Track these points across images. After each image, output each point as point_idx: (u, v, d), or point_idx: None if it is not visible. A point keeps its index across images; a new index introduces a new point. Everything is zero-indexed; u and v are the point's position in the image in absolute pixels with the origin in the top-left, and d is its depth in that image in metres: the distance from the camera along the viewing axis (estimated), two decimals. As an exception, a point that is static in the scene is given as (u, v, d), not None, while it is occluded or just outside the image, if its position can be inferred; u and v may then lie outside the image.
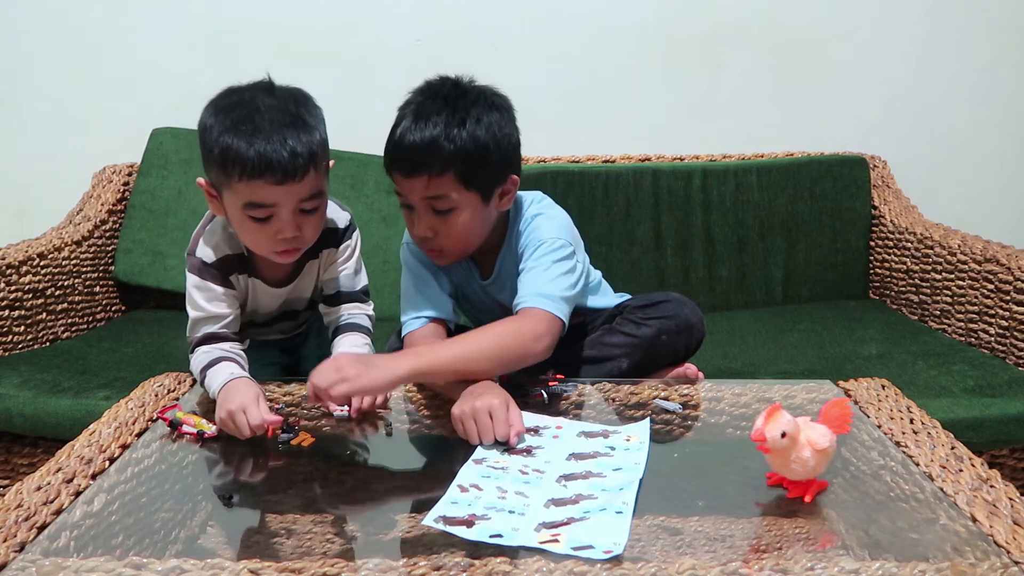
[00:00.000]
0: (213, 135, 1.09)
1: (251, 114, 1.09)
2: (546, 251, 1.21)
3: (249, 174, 1.07)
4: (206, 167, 1.14)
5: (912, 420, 1.05)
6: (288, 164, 1.07)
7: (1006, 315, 1.58)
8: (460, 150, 1.14)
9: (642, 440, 1.01)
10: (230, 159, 1.08)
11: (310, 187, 1.12)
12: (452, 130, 1.14)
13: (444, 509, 0.83)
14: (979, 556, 0.74)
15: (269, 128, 1.08)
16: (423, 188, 1.16)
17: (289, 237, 1.14)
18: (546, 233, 1.24)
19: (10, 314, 1.62)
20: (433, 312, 1.26)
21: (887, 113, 2.13)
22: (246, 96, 1.12)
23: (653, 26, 2.08)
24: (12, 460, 1.50)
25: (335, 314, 1.31)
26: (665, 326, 1.28)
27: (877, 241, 2.02)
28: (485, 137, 1.16)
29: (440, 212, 1.18)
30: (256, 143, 1.07)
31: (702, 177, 1.98)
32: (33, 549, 0.76)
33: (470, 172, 1.16)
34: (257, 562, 0.72)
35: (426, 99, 1.18)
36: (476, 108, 1.17)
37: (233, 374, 1.10)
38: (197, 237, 1.23)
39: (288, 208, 1.11)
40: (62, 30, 2.06)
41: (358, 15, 2.06)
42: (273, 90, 1.14)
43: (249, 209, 1.11)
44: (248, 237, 1.17)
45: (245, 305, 1.29)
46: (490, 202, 1.21)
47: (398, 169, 1.18)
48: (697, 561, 0.72)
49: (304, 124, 1.11)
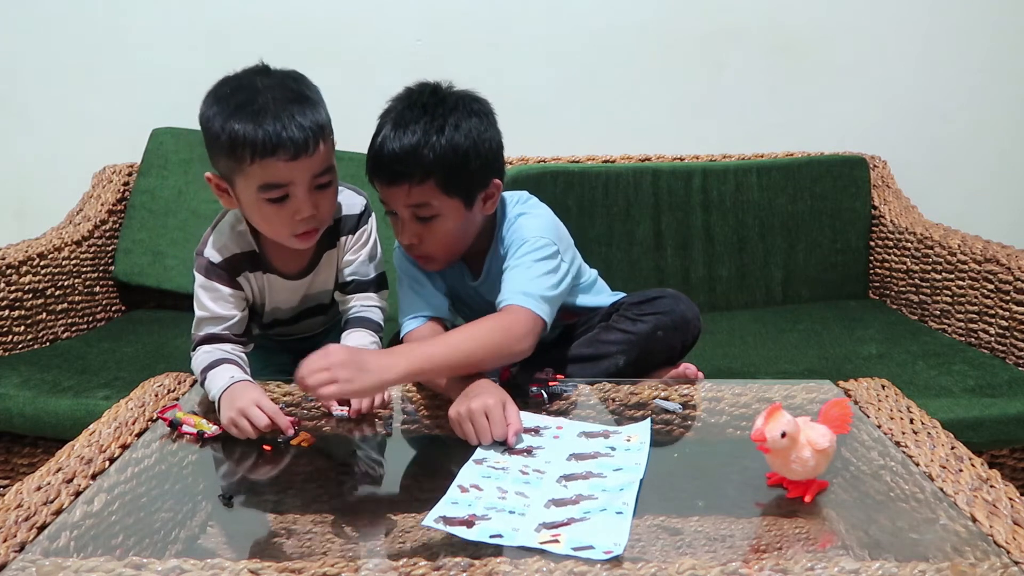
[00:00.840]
0: (218, 124, 1.09)
1: (253, 96, 1.08)
2: (528, 250, 1.21)
3: (261, 153, 1.07)
4: (213, 159, 1.13)
5: (912, 420, 1.05)
6: (299, 139, 1.07)
7: (1006, 315, 1.58)
8: (439, 157, 1.14)
9: (643, 440, 1.01)
10: (239, 143, 1.07)
11: (322, 161, 1.12)
12: (431, 137, 1.14)
13: (444, 509, 0.83)
14: (979, 556, 0.74)
15: (274, 106, 1.07)
16: (405, 196, 1.17)
17: (307, 216, 1.13)
18: (528, 232, 1.24)
19: (10, 314, 1.62)
20: (430, 311, 1.26)
21: (887, 113, 2.13)
22: (244, 81, 1.12)
23: (653, 26, 2.08)
24: (12, 460, 1.50)
25: (347, 304, 1.30)
26: (661, 322, 1.28)
27: (877, 241, 2.02)
28: (464, 143, 1.16)
29: (424, 219, 1.18)
30: (264, 122, 1.06)
31: (702, 177, 1.98)
32: (33, 549, 0.76)
33: (451, 179, 1.16)
34: (257, 562, 0.72)
35: (405, 107, 1.18)
36: (455, 114, 1.17)
37: (234, 377, 1.10)
38: (206, 237, 1.23)
39: (303, 185, 1.11)
40: (62, 30, 2.06)
41: (358, 15, 2.05)
42: (269, 71, 1.14)
43: (264, 191, 1.10)
44: (265, 223, 1.16)
45: (264, 305, 1.28)
46: (473, 207, 1.21)
47: (379, 178, 1.18)
48: (697, 561, 0.72)
49: (307, 99, 1.11)
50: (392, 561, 0.73)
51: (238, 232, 1.21)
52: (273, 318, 1.32)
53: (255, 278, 1.25)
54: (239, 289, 1.22)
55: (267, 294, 1.27)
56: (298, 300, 1.31)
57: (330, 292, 1.33)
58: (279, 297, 1.28)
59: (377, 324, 1.29)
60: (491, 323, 1.13)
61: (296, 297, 1.30)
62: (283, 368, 1.39)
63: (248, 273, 1.23)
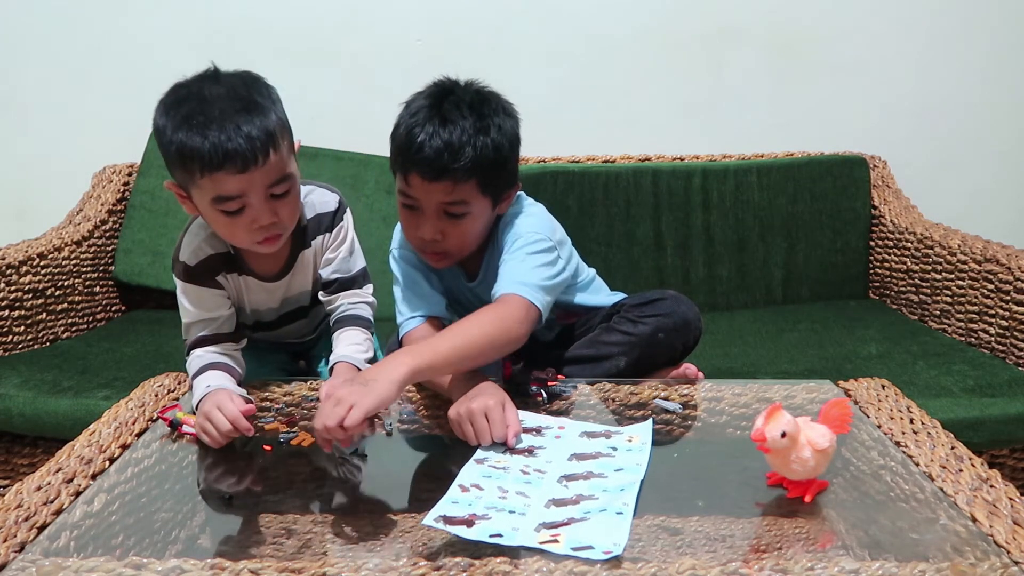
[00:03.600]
0: (167, 134, 1.06)
1: (200, 106, 1.05)
2: (522, 244, 1.22)
3: (210, 167, 1.04)
4: (169, 168, 1.11)
5: (912, 420, 1.05)
6: (247, 150, 1.03)
7: (1006, 315, 1.58)
8: (484, 157, 1.14)
9: (644, 441, 1.01)
10: (187, 156, 1.04)
11: (276, 171, 1.08)
12: (478, 137, 1.14)
13: (444, 508, 0.83)
14: (979, 556, 0.74)
15: (220, 117, 1.04)
16: (443, 193, 1.15)
17: (266, 224, 1.10)
18: (523, 228, 1.24)
19: (10, 314, 1.62)
20: (427, 310, 1.26)
21: (887, 113, 2.13)
22: (193, 88, 1.08)
23: (653, 26, 2.08)
24: (12, 460, 1.50)
25: (334, 303, 1.28)
26: (662, 324, 1.28)
27: (877, 241, 2.02)
28: (505, 144, 1.17)
29: (453, 216, 1.18)
30: (210, 135, 1.03)
31: (702, 177, 1.98)
32: (33, 549, 0.76)
33: (489, 178, 1.17)
34: (257, 562, 0.72)
35: (446, 103, 1.16)
36: (497, 115, 1.17)
37: (210, 386, 1.08)
38: (181, 240, 1.21)
39: (258, 195, 1.08)
40: (62, 30, 2.06)
41: (358, 15, 2.05)
42: (219, 77, 1.10)
43: (218, 203, 1.08)
44: (224, 231, 1.14)
45: (245, 307, 1.27)
46: (496, 207, 1.22)
47: (419, 172, 1.15)
48: (697, 561, 0.72)
49: (256, 107, 1.07)
50: (392, 561, 0.73)
51: (211, 234, 1.19)
52: (255, 320, 1.31)
53: (232, 279, 1.23)
54: (219, 288, 1.20)
55: (245, 295, 1.26)
56: (277, 302, 1.29)
57: (309, 293, 1.31)
58: (257, 299, 1.27)
59: (367, 320, 1.27)
60: (488, 313, 1.13)
61: (275, 299, 1.28)
62: (281, 365, 1.39)
63: (225, 274, 1.21)
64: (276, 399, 1.16)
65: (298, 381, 1.22)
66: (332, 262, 1.27)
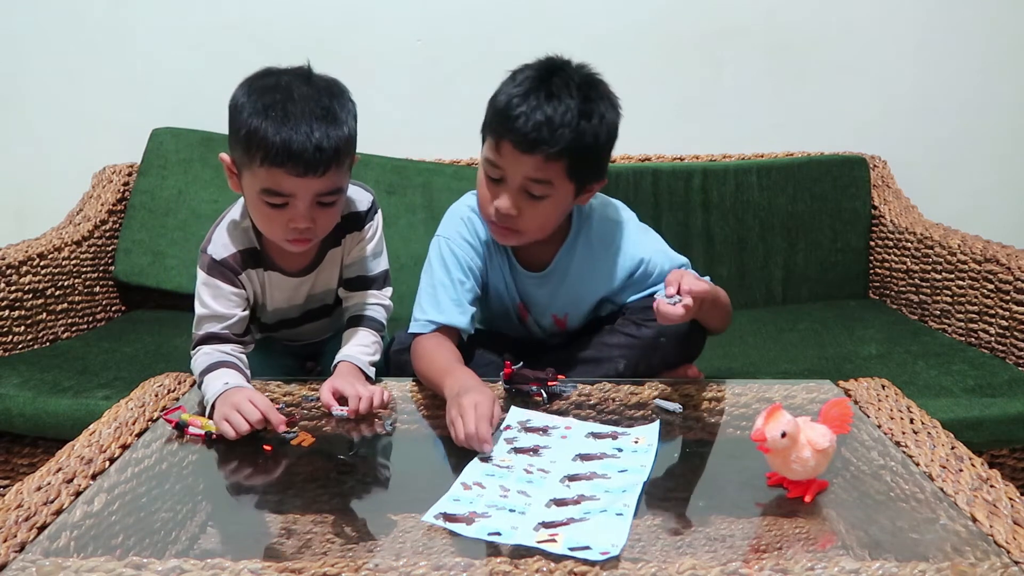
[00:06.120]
0: (243, 115, 1.08)
1: (284, 101, 1.07)
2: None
3: (271, 161, 1.07)
4: (231, 144, 1.13)
5: (912, 420, 1.05)
6: (311, 157, 1.06)
7: (1006, 315, 1.58)
8: (580, 141, 1.13)
9: (650, 443, 1.00)
10: (255, 143, 1.07)
11: (330, 182, 1.11)
12: (581, 120, 1.13)
13: (445, 506, 0.83)
14: (979, 556, 0.74)
15: (299, 118, 1.06)
16: (531, 168, 1.14)
17: (301, 227, 1.13)
18: (669, 260, 1.32)
19: (10, 314, 1.62)
20: (448, 319, 1.24)
21: (887, 113, 2.13)
22: (283, 81, 1.11)
23: (653, 26, 2.08)
24: (12, 460, 1.49)
25: (352, 301, 1.29)
26: (664, 329, 1.28)
27: (877, 241, 2.02)
28: (603, 135, 1.16)
29: (533, 197, 1.17)
30: (283, 131, 1.06)
31: (702, 177, 1.98)
32: (33, 549, 0.76)
33: (579, 164, 1.16)
34: (257, 562, 0.72)
35: (555, 79, 1.15)
36: (603, 104, 1.17)
37: (228, 383, 1.09)
38: (210, 234, 1.23)
39: (305, 200, 1.11)
40: (62, 30, 2.06)
41: (358, 15, 2.05)
42: (310, 79, 1.13)
43: (266, 195, 1.10)
44: (261, 220, 1.16)
45: (266, 304, 1.28)
46: (579, 196, 1.21)
47: (513, 142, 1.13)
48: (697, 561, 0.72)
49: (334, 118, 1.09)
50: (392, 561, 0.73)
51: (242, 229, 1.21)
52: (278, 318, 1.32)
53: (256, 275, 1.24)
54: (240, 288, 1.22)
55: (267, 291, 1.27)
56: (302, 299, 1.30)
57: (334, 291, 1.32)
58: (279, 295, 1.28)
59: (379, 323, 1.28)
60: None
61: (299, 295, 1.30)
62: (286, 370, 1.39)
63: (250, 270, 1.23)
64: (276, 399, 1.16)
65: (297, 382, 1.22)
66: (357, 260, 1.28)
